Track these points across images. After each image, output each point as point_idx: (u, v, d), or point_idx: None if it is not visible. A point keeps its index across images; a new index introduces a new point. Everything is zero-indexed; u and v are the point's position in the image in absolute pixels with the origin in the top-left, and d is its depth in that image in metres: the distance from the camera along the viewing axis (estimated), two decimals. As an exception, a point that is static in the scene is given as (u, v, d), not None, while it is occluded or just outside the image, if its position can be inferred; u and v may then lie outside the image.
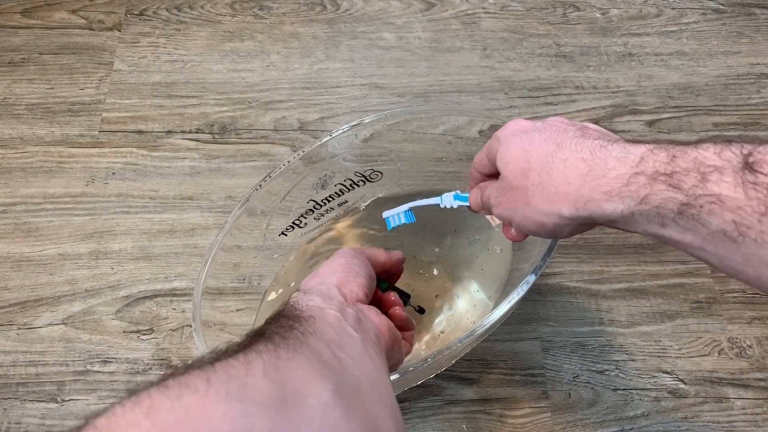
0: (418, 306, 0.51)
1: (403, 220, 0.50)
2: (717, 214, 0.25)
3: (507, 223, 0.40)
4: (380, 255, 0.45)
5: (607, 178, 0.30)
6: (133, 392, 0.20)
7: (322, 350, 0.27)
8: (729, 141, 0.26)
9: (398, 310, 0.43)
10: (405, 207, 0.49)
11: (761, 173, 0.24)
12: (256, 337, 0.26)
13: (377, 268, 0.44)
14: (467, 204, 0.44)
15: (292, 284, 0.57)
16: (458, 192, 0.46)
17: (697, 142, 0.27)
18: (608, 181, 0.30)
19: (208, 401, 0.20)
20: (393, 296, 0.44)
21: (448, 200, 0.46)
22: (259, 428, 0.20)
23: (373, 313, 0.36)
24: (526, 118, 0.39)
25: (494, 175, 0.40)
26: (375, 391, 0.28)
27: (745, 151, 0.25)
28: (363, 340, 0.31)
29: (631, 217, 0.29)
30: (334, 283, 0.37)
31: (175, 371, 0.22)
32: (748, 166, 0.25)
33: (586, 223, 0.33)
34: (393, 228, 0.51)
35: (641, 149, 0.29)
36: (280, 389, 0.22)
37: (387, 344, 0.36)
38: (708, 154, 0.26)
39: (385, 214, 0.50)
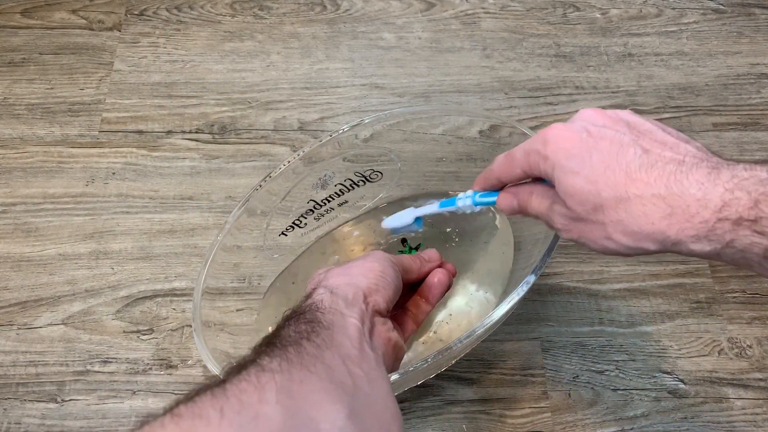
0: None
1: (414, 229, 0.48)
2: None
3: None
4: (412, 265, 0.44)
5: (692, 222, 0.29)
6: (145, 422, 0.20)
7: (337, 368, 0.27)
8: None
9: (437, 280, 0.42)
10: (411, 214, 0.46)
11: None
12: (270, 347, 0.26)
13: (409, 277, 0.43)
14: (493, 206, 0.41)
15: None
16: (474, 194, 0.41)
17: None
18: (693, 226, 0.29)
19: None
20: (444, 264, 0.43)
21: (467, 206, 0.41)
22: None
23: (384, 329, 0.36)
24: (562, 122, 0.35)
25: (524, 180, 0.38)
26: (388, 412, 0.28)
27: None
28: (377, 358, 0.31)
29: (717, 256, 0.29)
30: (363, 289, 0.36)
31: (187, 396, 0.22)
32: None
33: None
34: (398, 235, 0.49)
35: (719, 190, 0.28)
36: (293, 416, 0.22)
37: (388, 360, 0.36)
38: None
39: (388, 224, 0.49)
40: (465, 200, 0.41)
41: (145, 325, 0.59)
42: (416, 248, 0.44)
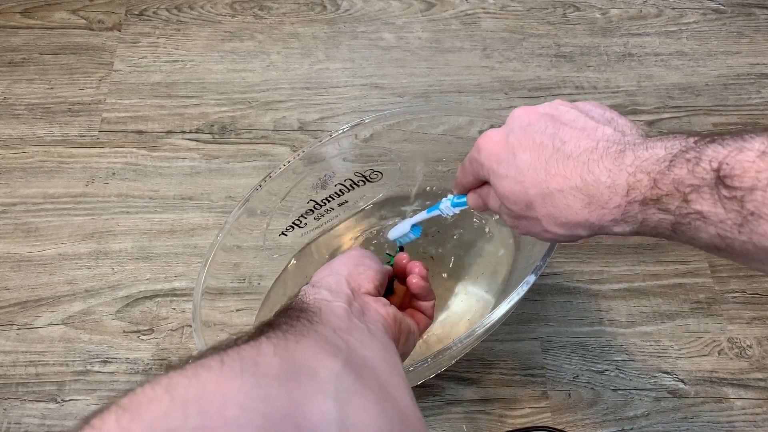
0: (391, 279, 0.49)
1: (412, 237, 0.49)
2: (703, 230, 0.27)
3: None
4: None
5: (607, 208, 0.31)
6: (152, 377, 0.21)
7: (329, 335, 0.28)
8: (697, 153, 0.27)
9: (415, 279, 0.43)
10: (408, 224, 0.49)
11: (733, 187, 0.25)
12: (264, 327, 0.27)
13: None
14: (466, 207, 0.44)
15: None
16: (452, 198, 0.44)
17: (671, 161, 0.28)
18: (610, 211, 0.31)
19: (223, 377, 0.21)
20: (409, 264, 0.44)
21: (447, 209, 0.45)
22: (274, 396, 0.21)
23: (379, 305, 0.37)
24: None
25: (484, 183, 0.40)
26: (384, 364, 0.29)
27: (715, 165, 0.26)
28: (369, 329, 0.32)
29: (638, 233, 0.31)
30: (344, 276, 0.37)
31: (189, 357, 0.23)
32: (720, 180, 0.26)
33: None
34: (402, 244, 0.51)
35: (624, 175, 0.30)
36: (291, 365, 0.23)
37: (394, 334, 0.36)
38: (683, 173, 0.27)
39: (392, 235, 0.50)
40: (445, 203, 0.45)
41: (145, 325, 0.59)
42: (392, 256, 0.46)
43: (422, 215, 0.48)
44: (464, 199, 0.43)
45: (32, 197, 0.66)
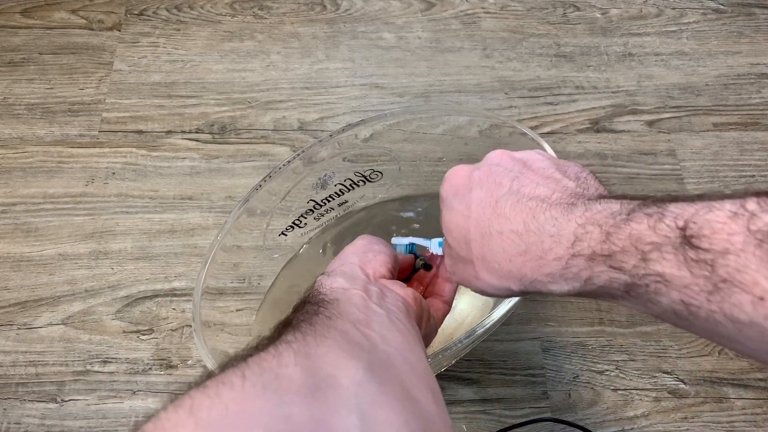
0: (424, 262, 0.50)
1: (404, 251, 0.50)
2: (664, 294, 0.24)
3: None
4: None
5: (546, 260, 0.28)
6: (174, 397, 0.21)
7: (349, 331, 0.27)
8: (660, 208, 0.24)
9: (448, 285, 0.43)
10: (408, 241, 0.49)
11: (701, 248, 0.22)
12: (283, 328, 0.27)
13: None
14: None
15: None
16: (442, 240, 0.44)
17: (629, 214, 0.25)
18: (547, 263, 0.28)
19: (245, 395, 0.21)
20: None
21: (435, 247, 0.45)
22: (297, 416, 0.21)
23: (397, 287, 0.36)
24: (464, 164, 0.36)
25: None
26: (406, 364, 0.28)
27: (680, 223, 0.23)
28: (389, 315, 0.31)
29: (579, 294, 0.28)
30: (357, 263, 0.37)
31: (211, 373, 0.22)
32: (687, 240, 0.22)
33: None
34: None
35: (572, 225, 0.27)
36: (313, 375, 0.23)
37: (416, 314, 0.36)
38: (642, 228, 0.24)
39: (394, 241, 0.50)
40: (435, 242, 0.45)
41: (145, 325, 0.59)
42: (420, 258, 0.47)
43: (420, 240, 0.48)
44: None
45: (32, 197, 0.66)
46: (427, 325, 0.38)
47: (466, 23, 0.79)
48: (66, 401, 0.55)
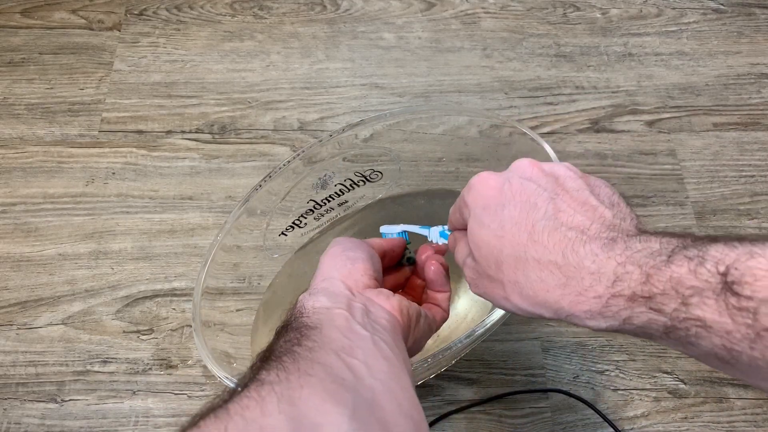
0: (407, 257, 0.49)
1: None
2: (705, 338, 0.24)
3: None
4: (376, 241, 0.44)
5: (585, 296, 0.27)
6: None
7: (333, 364, 0.27)
8: (700, 251, 0.24)
9: (433, 267, 0.41)
10: (400, 228, 0.49)
11: (744, 296, 0.22)
12: (266, 361, 0.26)
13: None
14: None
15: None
16: (444, 229, 0.44)
17: (669, 256, 0.25)
18: (587, 300, 0.27)
19: None
20: (428, 259, 0.43)
21: (434, 236, 0.44)
22: None
23: (382, 298, 0.35)
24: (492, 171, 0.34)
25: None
26: (393, 401, 0.27)
27: (722, 269, 0.23)
28: (374, 337, 0.30)
29: (617, 331, 0.28)
30: (338, 277, 0.36)
31: (191, 421, 0.21)
32: (728, 286, 0.22)
33: None
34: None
35: (612, 264, 0.27)
36: (298, 426, 0.22)
37: (403, 326, 0.35)
38: (683, 272, 0.24)
39: (383, 229, 0.50)
40: (435, 231, 0.44)
41: (145, 325, 0.59)
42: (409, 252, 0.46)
43: (415, 227, 0.48)
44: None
45: (32, 197, 0.66)
46: (415, 331, 0.37)
47: (466, 23, 0.79)
48: (66, 401, 0.55)
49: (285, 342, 0.28)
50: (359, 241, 0.41)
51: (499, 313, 0.43)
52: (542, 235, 0.29)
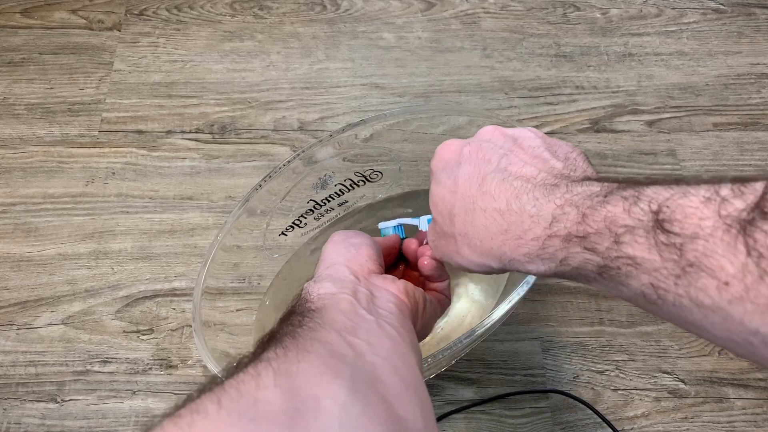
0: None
1: (391, 233, 0.50)
2: (634, 277, 0.24)
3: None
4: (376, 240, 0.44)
5: (524, 239, 0.28)
6: (148, 428, 0.20)
7: (333, 341, 0.26)
8: (636, 191, 0.24)
9: (426, 260, 0.41)
10: (395, 222, 0.49)
11: (672, 233, 0.22)
12: (268, 343, 0.26)
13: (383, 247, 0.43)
14: None
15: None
16: (432, 216, 0.45)
17: (606, 196, 0.25)
18: (526, 243, 0.28)
19: (220, 425, 0.20)
20: (419, 249, 0.43)
21: (423, 224, 0.45)
22: None
23: (387, 282, 0.35)
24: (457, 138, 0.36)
25: None
26: (395, 374, 0.27)
27: (654, 207, 0.23)
28: (378, 320, 0.30)
29: (555, 275, 0.28)
30: (343, 263, 0.36)
31: (188, 397, 0.21)
32: (659, 224, 0.22)
33: None
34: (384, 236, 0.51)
35: (551, 206, 0.27)
36: (294, 398, 0.22)
37: (410, 309, 0.35)
38: (617, 211, 0.24)
39: (381, 225, 0.50)
40: (424, 219, 0.45)
41: (145, 325, 0.59)
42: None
43: (408, 220, 0.48)
44: None
45: (32, 197, 0.66)
46: (424, 314, 0.37)
47: (466, 23, 0.79)
48: (66, 401, 0.55)
49: (287, 325, 0.28)
50: (360, 232, 0.41)
51: (499, 313, 0.43)
52: (490, 186, 0.30)
